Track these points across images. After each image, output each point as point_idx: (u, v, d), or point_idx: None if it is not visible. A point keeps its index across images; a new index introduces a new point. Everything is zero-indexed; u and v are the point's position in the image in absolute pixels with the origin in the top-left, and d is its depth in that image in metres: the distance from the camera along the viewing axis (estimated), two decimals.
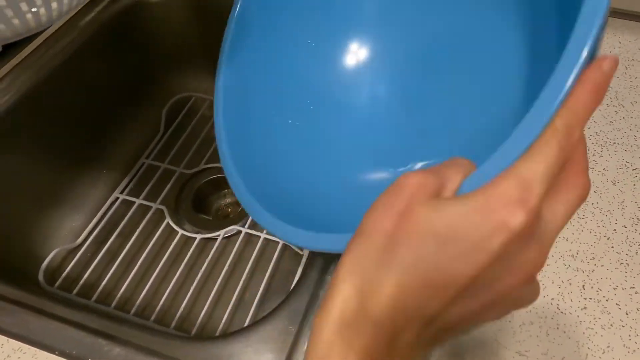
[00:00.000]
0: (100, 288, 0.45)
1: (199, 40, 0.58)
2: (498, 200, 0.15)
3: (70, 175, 0.52)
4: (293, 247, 0.47)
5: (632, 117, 0.43)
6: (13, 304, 0.34)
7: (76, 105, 0.52)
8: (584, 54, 0.15)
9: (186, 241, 0.49)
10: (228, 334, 0.32)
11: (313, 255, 0.38)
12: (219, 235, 0.48)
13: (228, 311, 0.43)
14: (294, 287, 0.34)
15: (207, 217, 0.53)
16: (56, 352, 0.31)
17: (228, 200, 0.55)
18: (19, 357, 0.31)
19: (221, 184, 0.55)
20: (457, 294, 0.15)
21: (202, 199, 0.54)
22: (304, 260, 0.44)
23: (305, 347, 0.29)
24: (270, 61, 0.33)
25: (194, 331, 0.43)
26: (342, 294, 0.16)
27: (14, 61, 0.47)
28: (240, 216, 0.51)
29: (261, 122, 0.32)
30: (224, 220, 0.52)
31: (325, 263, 0.34)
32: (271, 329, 0.31)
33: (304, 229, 0.24)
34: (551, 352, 0.30)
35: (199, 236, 0.49)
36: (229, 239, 0.49)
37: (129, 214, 0.50)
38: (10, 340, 0.32)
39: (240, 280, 0.44)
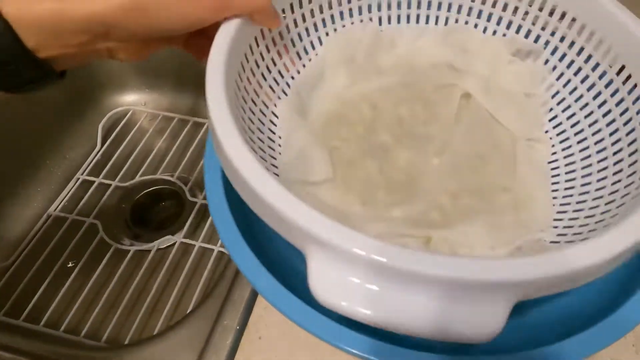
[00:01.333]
0: (30, 306, 0.44)
1: None
2: None
3: (2, 196, 0.51)
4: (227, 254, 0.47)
5: None
6: None
7: (10, 123, 0.51)
8: None
9: (120, 254, 0.48)
10: (142, 340, 0.32)
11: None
12: (154, 246, 0.48)
13: (161, 321, 0.43)
14: (210, 291, 0.35)
15: (146, 229, 0.52)
16: None
17: (170, 212, 0.55)
18: None
19: (160, 196, 0.55)
20: None
21: (142, 211, 0.54)
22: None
23: None
24: None
25: (126, 341, 0.42)
26: None
27: None
28: (177, 227, 0.51)
29: None
30: (160, 231, 0.52)
31: None
32: (185, 333, 0.31)
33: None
34: None
35: (133, 248, 0.48)
36: (165, 250, 0.49)
37: (61, 230, 0.50)
38: None
39: (174, 290, 0.44)
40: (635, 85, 0.28)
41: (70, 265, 0.48)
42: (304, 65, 0.34)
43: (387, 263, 0.19)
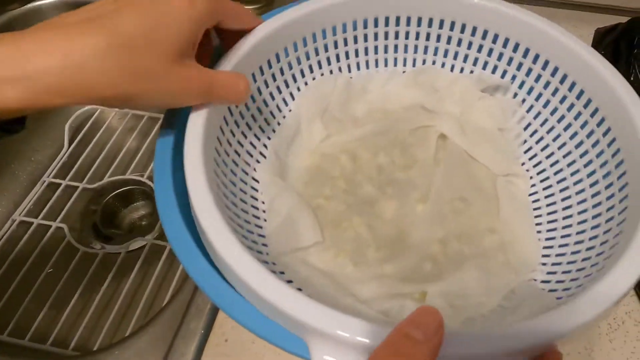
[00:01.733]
0: None
1: None
2: None
3: None
4: None
5: None
6: None
7: None
8: None
9: (89, 258, 0.47)
10: (102, 348, 0.32)
11: None
12: (124, 248, 0.47)
13: (132, 326, 0.42)
14: (175, 293, 0.35)
15: (117, 231, 0.51)
16: None
17: (141, 212, 0.54)
18: None
19: (130, 196, 0.54)
20: None
21: (112, 213, 0.52)
22: None
23: None
24: None
25: (95, 348, 0.42)
26: None
27: None
28: (148, 228, 0.50)
29: None
30: (131, 233, 0.51)
31: None
32: (147, 338, 0.31)
33: None
34: None
35: (102, 252, 0.47)
36: (136, 252, 0.48)
37: (27, 235, 0.48)
38: None
39: (145, 293, 0.43)
40: (603, 119, 0.29)
41: (36, 271, 0.46)
42: (278, 124, 0.34)
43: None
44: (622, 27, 0.46)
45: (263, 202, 0.31)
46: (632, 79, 0.44)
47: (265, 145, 0.33)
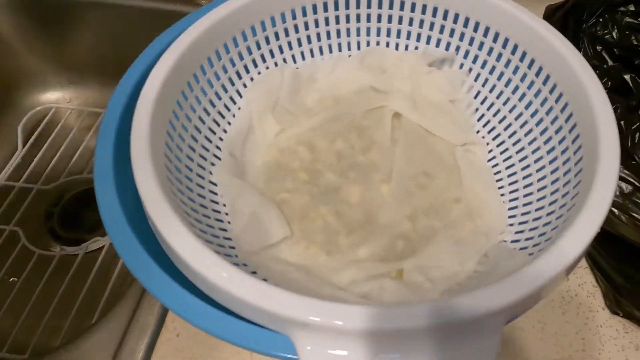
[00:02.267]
0: None
1: (47, 49, 0.55)
2: None
3: None
4: None
5: None
6: None
7: None
8: None
9: (45, 261, 0.45)
10: (51, 348, 0.31)
11: None
12: (82, 250, 0.45)
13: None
14: (125, 290, 0.34)
15: (77, 232, 0.49)
16: None
17: None
18: None
19: (90, 197, 0.51)
20: None
21: (72, 214, 0.50)
22: None
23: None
24: None
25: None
26: None
27: None
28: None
29: None
30: (92, 234, 0.49)
31: None
32: (97, 336, 0.31)
33: None
34: None
35: (59, 254, 0.46)
36: (94, 253, 0.47)
37: None
38: None
39: (105, 293, 0.42)
40: (548, 76, 0.30)
41: None
42: (229, 123, 0.33)
43: (378, 326, 0.18)
44: (571, 3, 0.47)
45: (225, 205, 0.30)
46: (581, 53, 0.45)
47: (218, 147, 0.31)
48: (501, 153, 0.33)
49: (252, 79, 0.34)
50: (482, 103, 0.35)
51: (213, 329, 0.20)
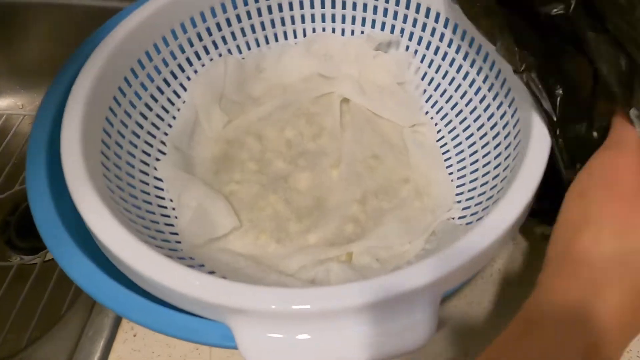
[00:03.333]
0: None
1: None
2: None
3: None
4: None
5: None
6: None
7: None
8: None
9: (3, 271, 0.44)
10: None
11: None
12: (40, 258, 0.44)
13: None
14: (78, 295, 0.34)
15: (37, 241, 0.47)
16: None
17: None
18: None
19: None
20: None
21: (29, 223, 0.48)
22: None
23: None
24: None
25: None
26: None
27: None
28: None
29: None
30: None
31: None
32: (53, 341, 0.31)
33: None
34: None
35: (17, 264, 0.44)
36: (52, 262, 0.45)
37: None
38: None
39: (66, 299, 0.41)
40: (488, 53, 0.30)
41: None
42: (174, 117, 0.32)
43: (309, 309, 0.18)
44: None
45: (171, 200, 0.29)
46: None
47: (163, 142, 0.31)
48: (449, 132, 0.34)
49: (195, 72, 0.34)
50: (429, 84, 0.35)
51: (147, 321, 0.19)
